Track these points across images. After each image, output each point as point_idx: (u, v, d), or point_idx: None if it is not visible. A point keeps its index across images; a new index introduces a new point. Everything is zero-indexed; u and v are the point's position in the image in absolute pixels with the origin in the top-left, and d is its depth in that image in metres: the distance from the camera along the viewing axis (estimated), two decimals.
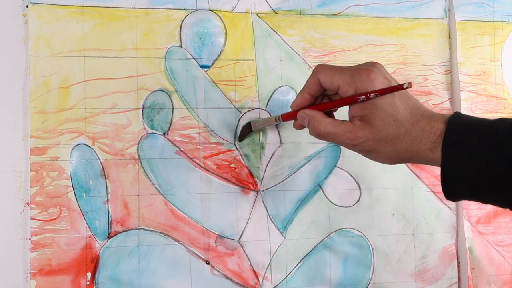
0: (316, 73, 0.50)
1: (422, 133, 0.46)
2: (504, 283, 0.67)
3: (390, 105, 0.46)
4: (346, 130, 0.48)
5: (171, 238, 0.59)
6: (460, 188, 0.45)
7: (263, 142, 0.62)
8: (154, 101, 0.60)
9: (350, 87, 0.47)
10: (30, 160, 0.56)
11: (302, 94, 0.51)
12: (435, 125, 0.46)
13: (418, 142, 0.46)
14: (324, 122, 0.49)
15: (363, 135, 0.47)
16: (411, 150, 0.46)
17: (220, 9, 0.62)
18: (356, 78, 0.47)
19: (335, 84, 0.48)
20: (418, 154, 0.47)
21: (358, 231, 0.64)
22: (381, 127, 0.46)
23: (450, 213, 0.66)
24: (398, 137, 0.46)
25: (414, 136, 0.46)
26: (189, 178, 0.60)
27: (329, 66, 0.49)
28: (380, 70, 0.48)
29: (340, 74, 0.48)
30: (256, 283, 0.61)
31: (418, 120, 0.46)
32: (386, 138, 0.46)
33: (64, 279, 0.56)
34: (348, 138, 0.48)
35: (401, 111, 0.46)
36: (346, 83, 0.47)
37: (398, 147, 0.47)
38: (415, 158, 0.47)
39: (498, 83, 0.69)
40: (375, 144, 0.47)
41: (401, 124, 0.46)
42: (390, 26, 0.66)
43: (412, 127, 0.46)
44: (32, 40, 0.57)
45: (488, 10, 0.69)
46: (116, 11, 0.60)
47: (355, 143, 0.48)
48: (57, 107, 0.57)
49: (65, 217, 0.57)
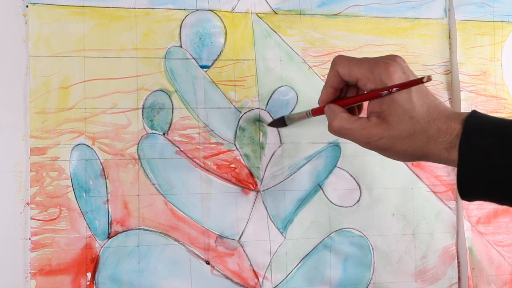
0: (334, 64, 0.49)
1: (438, 132, 0.45)
2: (504, 283, 0.67)
3: (406, 101, 0.45)
4: (360, 127, 0.47)
5: (171, 238, 0.59)
6: (476, 189, 0.45)
7: (263, 142, 0.62)
8: (154, 101, 0.60)
9: (369, 80, 0.47)
10: (30, 160, 0.56)
11: (325, 88, 0.50)
12: (451, 125, 0.45)
13: (434, 141, 0.45)
14: (340, 117, 0.48)
15: (377, 133, 0.46)
16: (427, 148, 0.46)
17: (220, 9, 0.62)
18: (375, 71, 0.46)
19: (354, 76, 0.47)
20: (433, 153, 0.46)
21: (358, 231, 0.64)
22: (396, 124, 0.46)
23: (450, 213, 0.66)
24: (413, 134, 0.45)
25: (430, 135, 0.45)
26: (189, 178, 0.60)
27: (348, 58, 0.49)
28: (400, 64, 0.47)
29: (359, 66, 0.47)
30: (256, 283, 0.61)
31: (434, 118, 0.45)
32: (402, 135, 0.46)
33: (64, 279, 0.56)
34: (362, 135, 0.47)
35: (418, 108, 0.45)
36: (365, 76, 0.47)
37: (413, 144, 0.46)
38: (430, 157, 0.47)
39: (498, 83, 0.69)
40: (390, 142, 0.46)
41: (417, 121, 0.45)
42: (390, 26, 0.66)
43: (428, 125, 0.45)
44: (32, 40, 0.57)
45: (488, 10, 0.69)
46: (116, 11, 0.60)
47: (369, 141, 0.47)
48: (57, 107, 0.57)
49: (65, 217, 0.57)
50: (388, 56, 0.48)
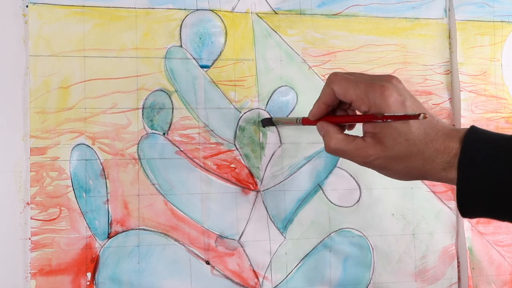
0: (330, 82, 0.48)
1: (435, 153, 0.45)
2: (504, 283, 0.67)
3: (402, 124, 0.45)
4: (357, 147, 0.47)
5: (171, 238, 0.59)
6: (476, 207, 0.45)
7: (263, 142, 0.62)
8: (154, 101, 0.60)
9: (363, 103, 0.46)
10: (30, 160, 0.56)
11: (318, 103, 0.50)
12: (450, 144, 0.45)
13: (431, 161, 0.45)
14: (336, 139, 0.48)
15: (373, 153, 0.46)
16: (424, 169, 0.46)
17: (220, 9, 0.62)
18: (370, 94, 0.46)
19: (349, 97, 0.47)
20: (431, 174, 0.46)
21: (358, 231, 0.64)
22: (392, 146, 0.46)
23: (450, 213, 0.66)
24: (409, 156, 0.45)
25: (427, 156, 0.45)
26: (189, 178, 0.60)
27: (344, 78, 0.48)
28: (396, 86, 0.46)
29: (354, 88, 0.47)
30: (256, 283, 0.61)
31: (432, 139, 0.45)
32: (398, 157, 0.46)
33: (64, 279, 0.56)
34: (359, 156, 0.47)
35: (414, 130, 0.45)
36: (360, 98, 0.46)
37: (410, 165, 0.46)
38: (428, 177, 0.46)
39: (498, 83, 0.69)
40: (386, 162, 0.46)
41: (413, 144, 0.45)
42: (390, 26, 0.66)
43: (425, 146, 0.45)
44: (32, 40, 0.57)
45: (488, 10, 0.69)
46: (116, 11, 0.60)
47: (366, 160, 0.47)
48: (57, 107, 0.57)
49: (65, 217, 0.57)
50: (384, 77, 0.47)
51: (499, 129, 0.68)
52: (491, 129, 0.67)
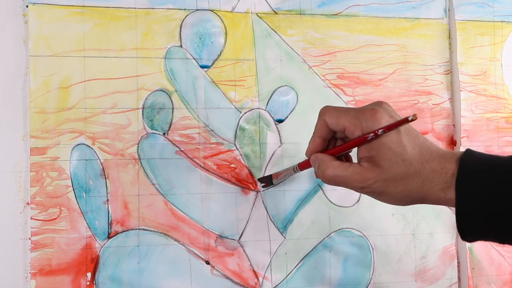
0: (322, 115, 0.49)
1: (432, 173, 0.45)
2: (504, 283, 0.67)
3: (397, 144, 0.45)
4: (354, 173, 0.47)
5: (171, 238, 0.59)
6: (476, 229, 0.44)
7: (263, 142, 0.62)
8: (154, 101, 0.60)
9: (356, 127, 0.46)
10: (30, 160, 0.56)
11: (313, 138, 0.50)
12: (446, 165, 0.45)
13: (429, 182, 0.45)
14: (332, 166, 0.48)
15: (371, 177, 0.46)
16: (422, 191, 0.45)
17: (220, 9, 0.62)
18: (361, 118, 0.46)
19: (341, 125, 0.47)
20: (429, 195, 0.45)
21: (358, 231, 0.64)
22: (389, 167, 0.45)
23: (450, 213, 0.66)
24: (407, 177, 0.45)
25: (424, 176, 0.45)
26: (189, 178, 0.60)
27: (334, 108, 0.48)
28: (386, 109, 0.47)
29: (345, 115, 0.47)
30: (256, 283, 0.61)
31: (427, 159, 0.45)
32: (396, 178, 0.45)
33: (64, 279, 0.56)
34: (357, 181, 0.46)
35: (409, 150, 0.45)
36: (352, 123, 0.46)
37: (408, 187, 0.45)
38: (427, 199, 0.46)
39: (498, 83, 0.69)
40: (385, 185, 0.46)
41: (410, 164, 0.45)
42: (390, 26, 0.66)
43: (421, 166, 0.45)
44: (32, 40, 0.57)
45: (488, 10, 0.69)
46: (116, 11, 0.60)
47: (363, 185, 0.46)
48: (57, 107, 0.57)
49: (65, 217, 0.57)
50: (374, 103, 0.48)
51: (499, 129, 0.68)
52: (491, 129, 0.68)
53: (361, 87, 0.65)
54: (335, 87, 0.64)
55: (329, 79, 0.64)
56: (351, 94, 0.65)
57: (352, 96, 0.65)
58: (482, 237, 0.45)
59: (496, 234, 0.44)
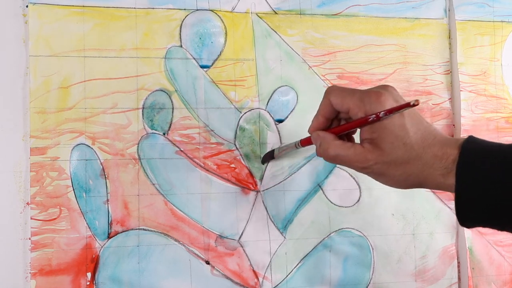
0: (327, 94, 0.49)
1: (433, 158, 0.45)
2: (504, 283, 0.67)
3: (399, 128, 0.45)
4: (355, 153, 0.47)
5: (171, 238, 0.59)
6: (475, 215, 0.44)
7: (263, 142, 0.62)
8: (154, 101, 0.60)
9: (360, 109, 0.46)
10: (30, 160, 0.56)
11: (317, 117, 0.50)
12: (447, 151, 0.44)
13: (429, 167, 0.45)
14: (334, 145, 0.48)
15: (372, 158, 0.46)
16: (422, 175, 0.45)
17: (220, 9, 0.62)
18: (366, 100, 0.46)
19: (346, 106, 0.47)
20: (429, 179, 0.45)
21: (358, 231, 0.64)
22: (390, 150, 0.45)
23: (450, 213, 0.66)
24: (408, 161, 0.45)
25: (425, 161, 0.45)
26: (189, 178, 0.60)
27: (340, 88, 0.48)
28: (392, 93, 0.47)
29: (350, 96, 0.47)
30: (256, 283, 0.61)
31: (429, 144, 0.45)
32: (396, 162, 0.45)
33: (64, 279, 0.56)
34: (358, 161, 0.47)
35: (411, 134, 0.45)
36: (356, 105, 0.46)
37: (408, 171, 0.45)
38: (427, 183, 0.46)
39: (498, 83, 0.69)
40: (385, 167, 0.46)
41: (411, 148, 0.45)
42: (390, 26, 0.66)
43: (423, 151, 0.45)
44: (32, 40, 0.57)
45: (488, 10, 0.69)
46: (116, 11, 0.60)
47: (364, 165, 0.47)
48: (57, 107, 0.57)
49: (65, 217, 0.57)
50: (380, 86, 0.48)
51: (499, 129, 0.68)
52: (491, 129, 0.68)
53: (361, 87, 0.65)
54: None
55: (329, 79, 0.64)
56: None
57: None
58: (481, 223, 0.45)
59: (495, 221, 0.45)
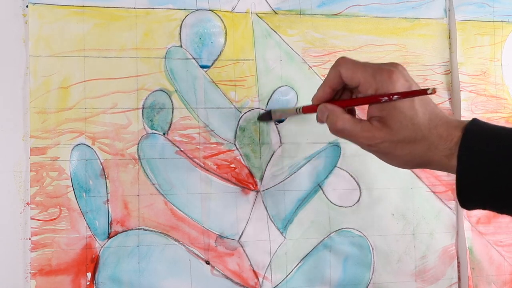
0: (337, 65, 0.48)
1: (439, 139, 0.45)
2: (504, 283, 0.67)
3: (409, 108, 0.45)
4: (363, 129, 0.47)
5: (171, 238, 0.59)
6: (475, 196, 0.45)
7: (263, 142, 0.62)
8: (154, 101, 0.60)
9: (371, 86, 0.46)
10: (30, 160, 0.56)
11: (323, 87, 0.50)
12: (452, 132, 0.45)
13: (434, 147, 0.45)
14: (343, 118, 0.48)
15: (380, 136, 0.46)
16: (427, 155, 0.46)
17: (220, 9, 0.62)
18: (377, 77, 0.46)
19: (356, 80, 0.47)
20: (434, 160, 0.46)
21: (358, 231, 0.64)
22: (399, 130, 0.45)
23: (450, 213, 0.66)
24: (414, 141, 0.45)
25: (431, 141, 0.45)
26: (189, 178, 0.60)
27: (352, 61, 0.48)
28: (402, 72, 0.47)
29: (362, 71, 0.47)
30: (256, 283, 0.61)
31: (436, 125, 0.45)
32: (403, 141, 0.46)
33: (64, 279, 0.56)
34: (365, 138, 0.47)
35: (420, 115, 0.45)
36: (367, 81, 0.46)
37: (414, 151, 0.46)
38: (431, 164, 0.47)
39: (498, 83, 0.69)
40: (392, 146, 0.46)
41: (418, 128, 0.45)
42: (390, 26, 0.66)
43: (429, 132, 0.45)
44: (32, 40, 0.57)
45: (488, 10, 0.69)
46: (116, 11, 0.60)
47: (371, 143, 0.47)
48: (57, 107, 0.57)
49: (65, 217, 0.57)
50: (391, 64, 0.48)
51: None
52: None
53: None
54: None
55: None
56: None
57: None
58: (481, 205, 0.46)
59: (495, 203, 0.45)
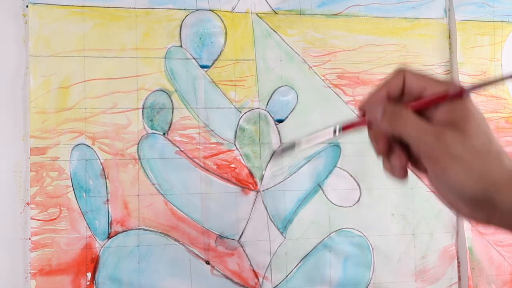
0: (401, 71, 0.41)
1: (499, 153, 0.39)
2: (504, 283, 0.67)
3: (483, 119, 0.40)
4: (435, 132, 0.39)
5: (171, 238, 0.59)
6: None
7: (263, 142, 0.62)
8: (154, 101, 0.60)
9: (440, 85, 0.40)
10: (30, 160, 0.56)
11: (378, 92, 0.41)
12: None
13: (499, 161, 0.38)
14: (416, 124, 0.40)
15: (452, 136, 0.39)
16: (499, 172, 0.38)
17: (220, 9, 0.62)
18: (443, 82, 0.40)
19: (421, 82, 0.41)
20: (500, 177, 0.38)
21: (358, 231, 0.64)
22: (473, 135, 0.39)
23: (450, 213, 0.66)
24: (489, 151, 0.39)
25: (494, 154, 0.39)
26: (189, 178, 0.60)
27: (415, 69, 0.41)
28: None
29: (427, 76, 0.40)
30: (256, 283, 0.61)
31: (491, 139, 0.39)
32: (478, 149, 0.39)
33: (64, 279, 0.56)
34: (434, 133, 0.39)
35: (488, 124, 0.40)
36: (434, 82, 0.40)
37: (487, 165, 0.38)
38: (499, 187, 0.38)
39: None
40: (464, 150, 0.39)
41: (491, 140, 0.39)
42: (390, 26, 0.66)
43: (490, 145, 0.39)
44: (32, 40, 0.57)
45: (488, 10, 0.69)
46: (116, 11, 0.60)
47: (440, 140, 0.39)
48: (57, 107, 0.57)
49: (65, 217, 0.57)
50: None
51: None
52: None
53: (361, 87, 0.65)
54: (335, 87, 0.64)
55: (329, 79, 0.64)
56: (351, 94, 0.65)
57: (352, 96, 0.65)
58: None
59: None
